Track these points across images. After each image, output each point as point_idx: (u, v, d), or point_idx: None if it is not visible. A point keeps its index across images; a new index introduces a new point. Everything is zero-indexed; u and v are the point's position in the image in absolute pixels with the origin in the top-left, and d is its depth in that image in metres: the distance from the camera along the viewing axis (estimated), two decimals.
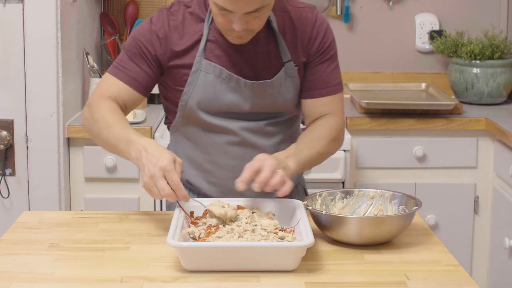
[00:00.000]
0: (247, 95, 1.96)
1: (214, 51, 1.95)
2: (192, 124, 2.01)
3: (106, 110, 1.91)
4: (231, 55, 1.95)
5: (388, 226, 1.74)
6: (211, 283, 1.55)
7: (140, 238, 1.81)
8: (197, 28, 1.95)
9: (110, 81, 1.97)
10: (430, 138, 3.10)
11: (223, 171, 2.02)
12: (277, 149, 1.99)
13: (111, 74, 1.98)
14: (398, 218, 1.74)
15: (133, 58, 1.96)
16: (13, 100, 2.79)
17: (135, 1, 3.43)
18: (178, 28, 1.95)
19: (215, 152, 2.01)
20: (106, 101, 1.93)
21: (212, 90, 1.94)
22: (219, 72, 1.93)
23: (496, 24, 3.52)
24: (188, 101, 1.96)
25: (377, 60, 3.59)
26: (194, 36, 1.95)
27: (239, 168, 1.88)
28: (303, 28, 1.98)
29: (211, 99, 1.95)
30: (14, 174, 2.84)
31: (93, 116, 1.93)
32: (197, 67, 1.94)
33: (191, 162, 2.05)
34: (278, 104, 1.99)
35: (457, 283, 1.58)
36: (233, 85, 1.94)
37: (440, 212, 3.12)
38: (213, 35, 1.95)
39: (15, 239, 1.81)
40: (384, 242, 1.76)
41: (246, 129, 1.99)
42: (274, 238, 1.66)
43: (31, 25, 2.75)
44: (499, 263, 2.99)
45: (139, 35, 1.96)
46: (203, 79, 1.94)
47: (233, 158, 2.00)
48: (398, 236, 1.79)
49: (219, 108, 1.96)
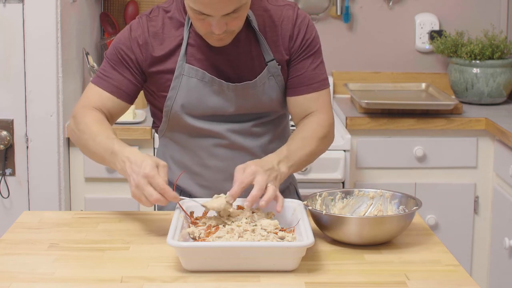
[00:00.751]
0: (231, 97, 1.95)
1: (195, 54, 1.94)
2: (178, 129, 2.00)
3: (91, 121, 1.90)
4: (213, 57, 1.94)
5: (388, 226, 1.74)
6: (211, 283, 1.55)
7: (140, 238, 1.81)
8: (177, 33, 1.94)
9: (93, 90, 1.97)
10: (430, 138, 3.10)
11: (212, 173, 2.01)
12: (265, 149, 1.99)
13: (94, 84, 1.97)
14: (398, 218, 1.74)
15: (116, 67, 1.95)
16: (13, 100, 2.79)
17: (135, 1, 3.43)
18: (158, 34, 1.94)
19: (203, 155, 2.00)
20: (91, 112, 1.93)
21: (196, 94, 1.94)
22: (202, 76, 1.93)
23: (496, 24, 3.52)
24: (173, 106, 1.95)
25: (377, 60, 3.59)
26: (174, 41, 1.94)
27: (228, 170, 1.89)
28: (284, 26, 1.97)
29: (195, 103, 1.94)
30: (14, 174, 2.84)
31: (78, 127, 1.93)
32: (180, 71, 1.93)
33: (180, 166, 2.04)
34: (263, 104, 1.98)
35: (457, 283, 1.58)
36: (216, 88, 1.94)
37: (440, 212, 3.13)
38: (194, 39, 1.94)
39: (15, 239, 1.81)
40: (384, 242, 1.76)
41: (233, 131, 1.98)
42: (274, 238, 1.66)
43: (31, 25, 2.75)
44: (499, 263, 2.99)
45: (119, 43, 1.96)
46: (186, 83, 1.93)
47: (222, 160, 1.99)
48: (398, 236, 1.79)
49: (204, 111, 1.95)
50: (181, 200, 1.80)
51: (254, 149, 1.99)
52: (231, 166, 1.84)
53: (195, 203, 1.83)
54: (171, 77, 1.94)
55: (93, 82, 1.98)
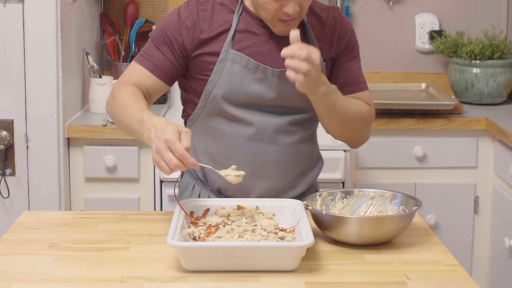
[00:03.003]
0: (273, 85, 1.96)
1: (242, 41, 1.96)
2: (212, 116, 2.00)
3: (125, 95, 1.93)
4: (259, 46, 1.96)
5: (388, 226, 1.74)
6: (211, 283, 1.55)
7: (140, 238, 1.81)
8: (226, 19, 1.97)
9: (135, 69, 2.00)
10: (430, 138, 3.10)
11: (238, 166, 2.02)
12: (294, 149, 2.01)
13: (136, 62, 2.00)
14: (398, 218, 1.74)
15: (159, 47, 1.98)
16: (13, 100, 2.79)
17: (135, 1, 3.43)
18: (206, 17, 1.98)
19: (232, 146, 2.00)
20: (127, 86, 1.95)
21: (238, 80, 1.95)
22: (246, 63, 1.95)
23: (496, 24, 3.52)
24: (213, 90, 1.97)
25: (377, 60, 3.58)
26: (222, 26, 1.97)
27: (254, 165, 1.92)
28: (330, 26, 2.03)
29: (236, 89, 1.95)
30: (14, 174, 2.84)
31: (115, 101, 1.95)
32: (224, 56, 1.95)
33: (206, 156, 2.04)
34: (302, 97, 1.94)
35: (457, 283, 1.58)
36: (259, 76, 1.95)
37: (440, 212, 3.12)
38: (242, 26, 1.97)
39: (15, 239, 1.81)
40: (384, 242, 1.76)
41: (267, 123, 1.98)
42: (274, 238, 1.67)
43: (31, 25, 2.75)
44: (499, 263, 2.99)
45: (167, 25, 1.99)
46: (229, 69, 1.95)
47: (250, 154, 1.99)
48: (398, 236, 1.79)
49: (244, 99, 1.96)
50: (181, 201, 1.80)
51: (283, 147, 2.00)
52: (256, 161, 1.89)
53: (196, 203, 1.83)
54: (215, 60, 1.96)
55: (135, 61, 2.01)
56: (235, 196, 2.01)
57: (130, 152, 2.90)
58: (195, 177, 2.10)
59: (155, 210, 2.93)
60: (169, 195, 2.89)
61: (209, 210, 1.83)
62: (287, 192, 2.03)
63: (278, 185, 2.01)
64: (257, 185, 2.00)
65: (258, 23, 1.97)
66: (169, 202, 2.89)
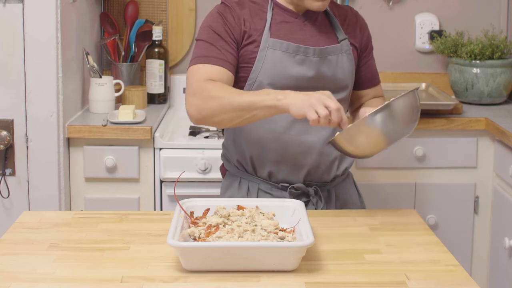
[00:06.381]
0: (314, 63, 2.08)
1: (278, 30, 2.10)
2: None
3: (219, 86, 1.96)
4: (295, 33, 2.10)
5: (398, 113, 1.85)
6: (211, 283, 1.55)
7: (140, 238, 1.81)
8: (260, 15, 2.11)
9: (200, 69, 2.02)
10: (430, 138, 3.10)
11: (288, 147, 2.10)
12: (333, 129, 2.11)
13: (198, 63, 2.03)
14: (403, 99, 1.86)
15: (214, 43, 2.04)
16: (13, 100, 2.79)
17: (135, 1, 3.43)
18: (244, 12, 2.10)
19: (279, 128, 2.08)
20: (211, 82, 1.98)
21: (280, 65, 2.06)
22: (286, 47, 2.07)
23: (496, 24, 3.52)
24: (257, 77, 2.06)
25: (377, 60, 3.55)
26: (258, 20, 2.10)
27: (301, 143, 2.04)
28: (351, 18, 2.22)
29: (279, 74, 2.05)
30: (14, 174, 2.84)
31: (210, 94, 1.94)
32: (265, 45, 2.06)
33: (253, 143, 2.11)
34: (338, 76, 2.13)
35: (457, 283, 1.58)
36: (299, 58, 2.07)
37: (440, 212, 3.12)
38: (276, 19, 2.11)
39: (15, 239, 1.81)
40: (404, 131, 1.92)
41: None
42: (274, 238, 1.67)
43: (31, 25, 2.75)
44: (499, 263, 2.99)
45: (212, 22, 2.08)
46: (271, 56, 2.06)
47: (296, 134, 2.08)
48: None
49: (288, 82, 2.05)
50: (181, 201, 1.80)
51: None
52: (306, 140, 2.04)
53: (195, 202, 1.84)
54: (257, 50, 2.06)
55: (195, 63, 2.03)
56: (286, 177, 2.11)
57: (130, 152, 2.90)
58: (242, 170, 2.16)
59: (155, 210, 2.93)
60: (169, 195, 2.89)
61: (209, 210, 1.84)
62: (334, 168, 2.15)
63: (326, 161, 2.12)
64: (307, 162, 2.10)
65: (290, 14, 2.12)
66: (169, 202, 2.89)
